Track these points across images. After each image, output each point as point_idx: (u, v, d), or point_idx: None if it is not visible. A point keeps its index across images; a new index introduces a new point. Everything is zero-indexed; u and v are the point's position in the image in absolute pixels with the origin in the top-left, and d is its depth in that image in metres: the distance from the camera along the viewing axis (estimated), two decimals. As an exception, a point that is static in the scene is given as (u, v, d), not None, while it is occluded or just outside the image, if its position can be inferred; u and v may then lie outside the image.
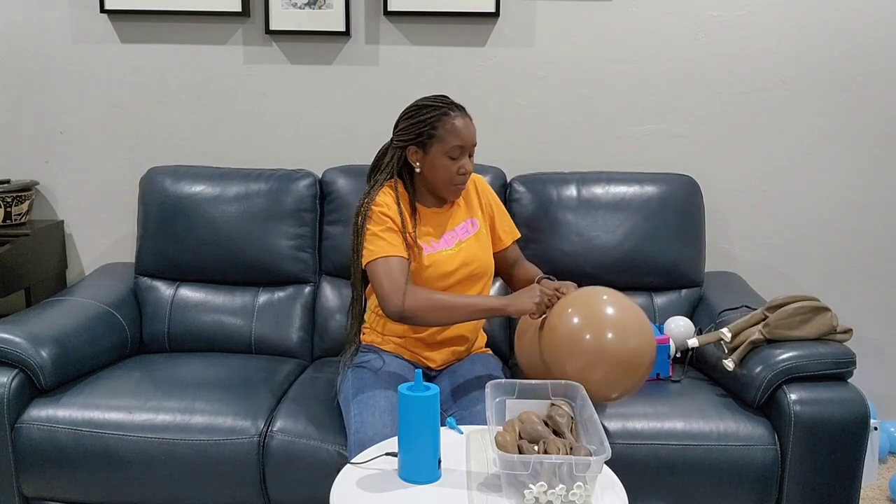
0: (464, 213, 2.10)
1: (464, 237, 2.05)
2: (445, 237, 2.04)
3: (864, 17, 2.63)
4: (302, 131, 2.76)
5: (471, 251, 2.04)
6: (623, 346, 1.73)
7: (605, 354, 1.73)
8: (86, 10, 2.70)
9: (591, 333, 1.74)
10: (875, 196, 2.74)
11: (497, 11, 2.61)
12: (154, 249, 2.53)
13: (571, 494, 1.40)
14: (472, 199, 2.13)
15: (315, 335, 2.50)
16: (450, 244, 2.03)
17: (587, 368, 1.74)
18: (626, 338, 1.74)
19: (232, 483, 1.97)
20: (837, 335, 2.03)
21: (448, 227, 2.06)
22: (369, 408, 1.84)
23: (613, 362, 1.73)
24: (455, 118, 1.94)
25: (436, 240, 2.02)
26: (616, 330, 1.74)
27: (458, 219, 2.08)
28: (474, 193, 2.14)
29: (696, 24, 2.66)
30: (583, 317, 1.76)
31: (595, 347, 1.73)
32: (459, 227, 2.07)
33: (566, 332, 1.76)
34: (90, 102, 2.76)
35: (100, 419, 2.00)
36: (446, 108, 1.94)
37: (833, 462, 1.91)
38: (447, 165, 1.95)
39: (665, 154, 2.73)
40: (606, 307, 1.78)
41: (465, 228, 2.07)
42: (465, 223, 2.08)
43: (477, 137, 2.07)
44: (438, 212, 2.06)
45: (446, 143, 1.93)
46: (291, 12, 2.65)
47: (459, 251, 2.02)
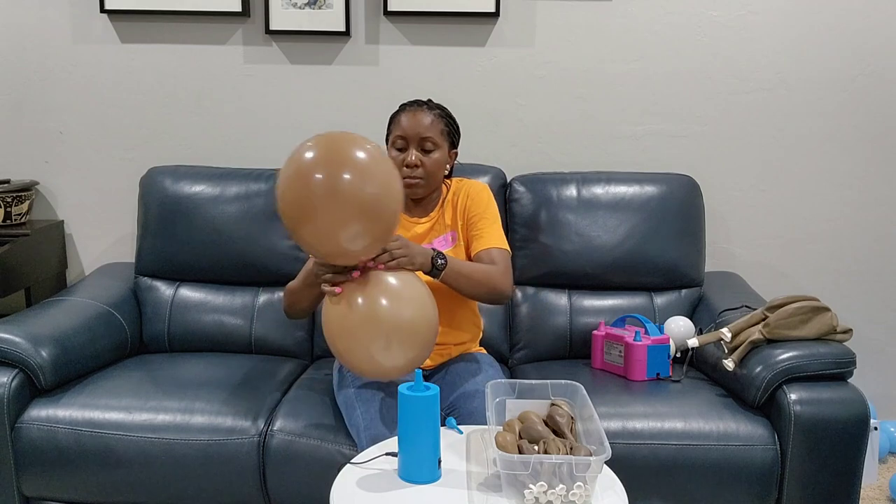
0: (445, 225, 2.07)
1: (441, 249, 2.01)
2: None
3: (864, 17, 2.63)
4: (302, 131, 2.76)
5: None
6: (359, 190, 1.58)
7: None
8: (86, 10, 2.70)
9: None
10: (875, 196, 2.74)
11: (497, 11, 2.61)
12: (154, 249, 2.53)
13: (571, 494, 1.40)
14: (458, 208, 2.07)
15: (315, 335, 2.50)
16: None
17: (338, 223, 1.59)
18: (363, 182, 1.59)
19: (232, 483, 1.97)
20: (837, 335, 2.03)
21: (426, 239, 2.04)
22: (376, 404, 1.85)
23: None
24: (405, 112, 1.98)
25: None
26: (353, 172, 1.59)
27: (438, 230, 2.06)
28: (463, 201, 2.07)
29: (696, 24, 2.66)
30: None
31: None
32: (438, 241, 2.05)
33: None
34: (90, 102, 2.76)
35: (100, 419, 2.00)
36: (405, 105, 2.01)
37: (833, 462, 1.91)
38: (394, 157, 1.98)
39: (665, 154, 2.73)
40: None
41: (444, 242, 2.04)
42: (445, 237, 2.05)
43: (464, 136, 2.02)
44: (418, 222, 2.05)
45: (391, 134, 2.01)
46: (291, 12, 2.65)
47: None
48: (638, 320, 2.32)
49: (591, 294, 2.50)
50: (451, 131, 2.04)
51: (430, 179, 2.00)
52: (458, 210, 2.07)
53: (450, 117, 2.05)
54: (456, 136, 2.07)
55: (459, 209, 2.07)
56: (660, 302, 2.48)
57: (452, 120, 2.06)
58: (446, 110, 2.05)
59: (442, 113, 2.03)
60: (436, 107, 2.03)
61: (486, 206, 2.05)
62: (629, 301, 2.48)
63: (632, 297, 2.49)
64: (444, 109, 2.05)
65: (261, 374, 2.24)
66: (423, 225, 2.06)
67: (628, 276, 2.48)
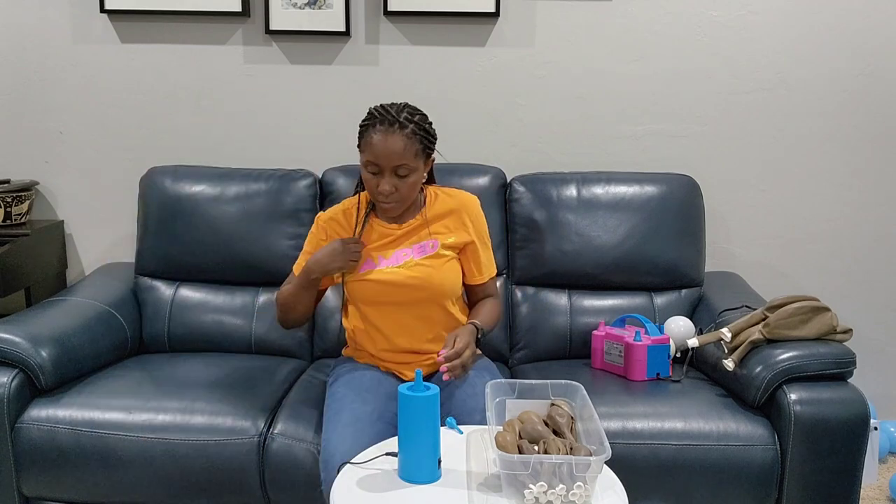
0: (428, 233, 2.00)
1: (418, 256, 1.97)
2: (397, 254, 1.97)
3: (864, 17, 2.63)
4: (302, 131, 2.76)
5: (422, 271, 1.94)
6: None
7: None
8: (86, 10, 2.70)
9: None
10: (875, 196, 2.74)
11: (497, 11, 2.61)
12: (154, 249, 2.53)
13: (571, 494, 1.40)
14: (446, 220, 2.02)
15: (315, 335, 2.50)
16: (398, 261, 1.96)
17: None
18: None
19: (232, 483, 1.97)
20: (837, 335, 2.03)
21: (402, 244, 1.99)
22: (332, 425, 1.81)
23: None
24: (377, 132, 1.84)
25: (385, 256, 1.97)
26: None
27: (420, 237, 1.99)
28: (452, 214, 2.02)
29: (696, 24, 2.66)
30: None
31: None
32: (417, 246, 1.98)
33: None
34: (90, 102, 2.76)
35: (100, 419, 2.00)
36: (378, 118, 1.85)
37: (833, 462, 1.91)
38: (366, 179, 1.90)
39: (665, 154, 2.73)
40: None
41: (423, 248, 1.98)
42: (426, 242, 1.99)
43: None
44: (394, 228, 1.99)
45: (364, 155, 1.88)
46: (291, 12, 2.65)
47: (406, 269, 1.94)
48: (638, 320, 2.32)
49: (591, 294, 2.50)
50: (426, 145, 1.91)
51: (406, 201, 1.93)
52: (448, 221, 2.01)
53: (423, 130, 1.89)
54: (431, 146, 1.94)
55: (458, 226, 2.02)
56: (660, 302, 2.48)
57: (426, 131, 1.90)
58: (419, 121, 1.88)
59: (416, 129, 1.87)
60: (408, 121, 1.86)
61: (484, 227, 2.08)
62: (629, 301, 2.48)
63: (632, 297, 2.49)
64: (416, 122, 1.88)
65: (261, 374, 2.24)
66: (401, 230, 2.00)
67: (628, 276, 2.48)
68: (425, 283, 1.94)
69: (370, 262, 1.97)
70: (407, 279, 1.93)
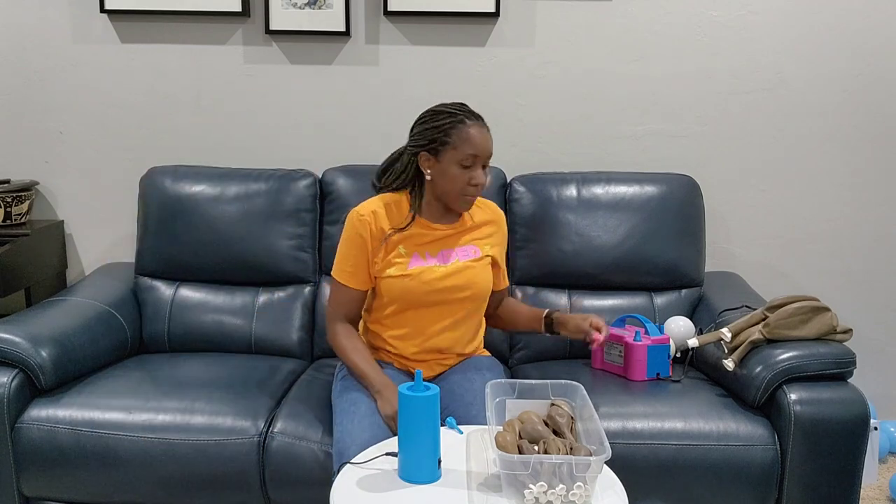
0: (470, 237, 2.04)
1: (463, 259, 2.00)
2: (444, 253, 1.99)
3: (864, 17, 2.63)
4: (302, 131, 2.76)
5: (470, 274, 1.97)
6: None
7: None
8: (86, 10, 2.70)
9: None
10: (875, 196, 2.74)
11: (497, 11, 2.61)
12: (154, 249, 2.53)
13: (571, 494, 1.40)
14: (486, 229, 2.07)
15: (315, 335, 2.50)
16: (446, 261, 1.98)
17: None
18: None
19: (232, 483, 1.97)
20: (837, 335, 2.03)
21: (450, 245, 2.01)
22: (349, 415, 1.82)
23: None
24: (471, 126, 1.89)
25: (432, 254, 1.98)
26: None
27: (462, 241, 2.02)
28: (492, 225, 2.08)
29: (696, 24, 2.66)
30: None
31: None
32: (461, 249, 2.01)
33: None
34: (90, 102, 2.76)
35: (100, 419, 2.00)
36: (463, 115, 1.90)
37: (833, 462, 1.91)
38: (458, 175, 1.90)
39: (665, 154, 2.73)
40: None
41: (467, 252, 2.01)
42: (469, 247, 2.02)
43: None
44: (442, 229, 2.00)
45: (460, 150, 1.88)
46: (291, 12, 2.65)
47: (454, 270, 1.96)
48: (638, 320, 2.32)
49: (591, 294, 2.50)
50: None
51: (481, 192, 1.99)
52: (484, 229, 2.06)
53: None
54: None
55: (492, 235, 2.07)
56: (660, 302, 2.48)
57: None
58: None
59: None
60: (482, 117, 1.96)
61: (504, 238, 2.15)
62: (629, 301, 2.48)
63: (632, 297, 2.49)
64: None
65: (261, 374, 2.24)
66: (447, 231, 2.01)
67: (628, 276, 2.48)
68: (471, 284, 1.97)
69: (418, 259, 1.96)
70: (453, 280, 1.95)
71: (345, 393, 1.91)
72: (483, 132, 1.90)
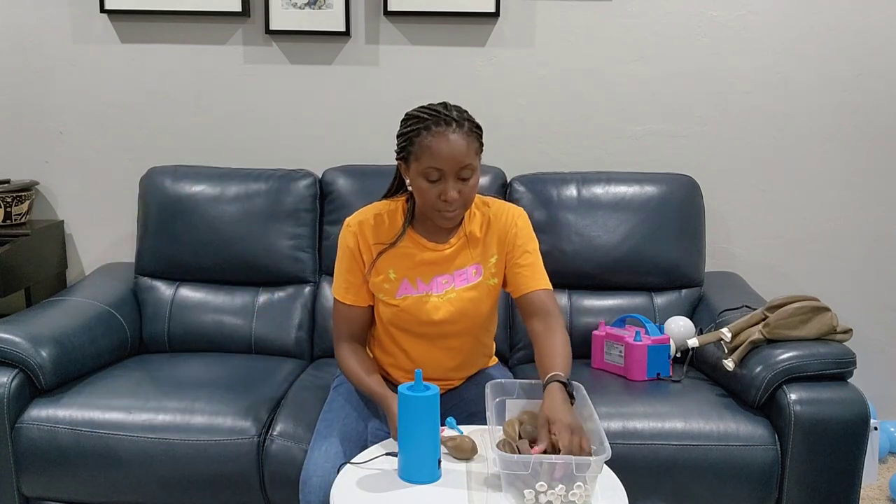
0: (473, 256, 1.80)
1: (460, 285, 1.78)
2: (438, 280, 1.78)
3: (864, 17, 2.63)
4: (302, 131, 2.76)
5: (462, 305, 1.77)
6: None
7: None
8: (86, 10, 2.70)
9: None
10: (875, 196, 2.74)
11: (497, 11, 2.61)
12: (154, 249, 2.53)
13: (571, 494, 1.40)
14: (493, 240, 1.81)
15: (315, 335, 2.50)
16: (440, 290, 1.78)
17: None
18: None
19: (232, 483, 1.97)
20: (837, 335, 2.03)
21: (446, 269, 1.79)
22: (318, 441, 1.72)
23: None
24: (434, 133, 1.64)
25: (424, 280, 1.78)
26: None
27: (462, 262, 1.79)
28: (504, 232, 1.81)
29: (696, 24, 2.66)
30: None
31: None
32: (459, 273, 1.79)
33: None
34: (90, 102, 2.76)
35: (100, 419, 2.00)
36: (430, 119, 1.65)
37: (833, 462, 1.90)
38: (426, 189, 1.67)
39: (665, 154, 2.73)
40: None
41: (466, 276, 1.79)
42: (469, 269, 1.79)
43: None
44: (436, 248, 1.79)
45: (422, 161, 1.65)
46: (291, 12, 2.65)
47: (448, 302, 1.77)
48: (638, 320, 2.32)
49: (591, 294, 2.50)
50: (480, 143, 1.72)
51: (467, 206, 1.73)
52: (490, 240, 1.81)
53: (478, 127, 1.72)
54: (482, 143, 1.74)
55: (494, 241, 1.81)
56: (660, 302, 2.48)
57: (479, 127, 1.72)
58: (472, 119, 1.70)
59: (472, 126, 1.69)
60: (463, 119, 1.68)
61: (531, 238, 1.84)
62: (629, 301, 2.48)
63: (632, 297, 2.49)
64: (470, 119, 1.70)
65: (261, 374, 2.24)
66: (442, 252, 1.79)
67: (628, 276, 2.48)
68: (463, 318, 1.78)
69: (407, 286, 1.78)
70: (446, 313, 1.77)
71: (327, 412, 1.83)
72: (449, 140, 1.63)
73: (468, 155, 1.65)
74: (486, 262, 1.81)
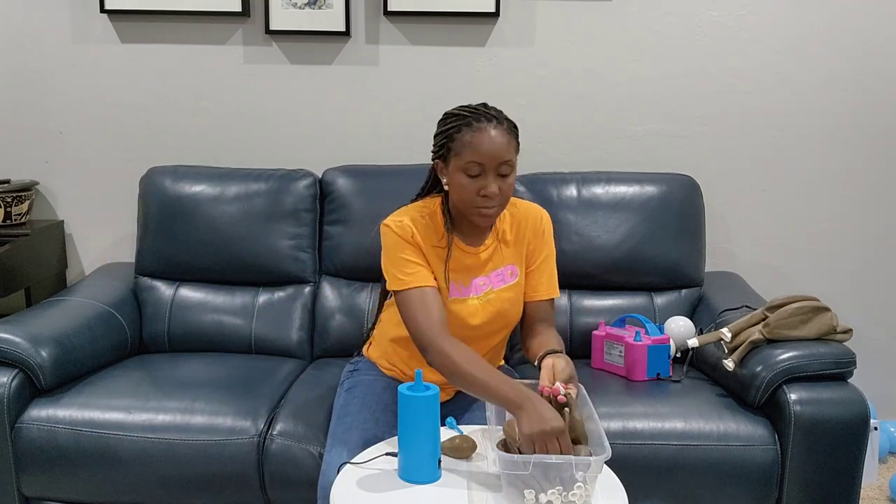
0: (507, 256, 1.83)
1: (497, 286, 1.80)
2: (476, 283, 1.79)
3: (864, 17, 2.63)
4: (302, 131, 2.76)
5: (501, 306, 1.80)
6: None
7: None
8: (86, 10, 2.70)
9: None
10: (875, 196, 2.74)
11: (497, 11, 2.61)
12: (154, 249, 2.53)
13: (571, 494, 1.40)
14: (524, 239, 1.84)
15: (315, 335, 2.50)
16: (479, 292, 1.79)
17: None
18: None
19: (232, 483, 1.97)
20: (837, 335, 2.03)
21: (482, 271, 1.80)
22: (339, 442, 1.71)
23: None
24: (476, 129, 1.67)
25: (465, 283, 1.79)
26: None
27: (497, 262, 1.81)
28: (530, 232, 1.85)
29: (696, 24, 2.66)
30: None
31: None
32: (495, 274, 1.81)
33: None
34: (90, 102, 2.76)
35: (100, 419, 2.00)
36: (471, 116, 1.68)
37: (833, 462, 1.91)
38: (466, 184, 1.68)
39: (665, 154, 2.73)
40: None
41: (503, 276, 1.81)
42: (504, 269, 1.82)
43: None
44: (472, 251, 1.79)
45: (462, 157, 1.67)
46: (291, 12, 2.65)
47: (487, 303, 1.79)
48: (638, 320, 2.32)
49: (591, 294, 2.50)
50: (518, 143, 1.74)
51: (504, 204, 1.74)
52: (520, 240, 1.84)
53: (515, 126, 1.74)
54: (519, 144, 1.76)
55: (525, 240, 1.84)
56: (660, 302, 2.48)
57: (517, 127, 1.75)
58: (509, 119, 1.74)
59: (510, 125, 1.72)
60: (503, 117, 1.71)
61: (551, 241, 1.87)
62: (629, 301, 2.48)
63: (632, 297, 2.49)
64: (508, 119, 1.73)
65: (261, 374, 2.24)
66: (482, 254, 1.80)
67: (628, 276, 2.48)
68: (501, 318, 1.81)
69: (454, 289, 1.78)
70: (486, 314, 1.79)
71: (343, 414, 1.81)
72: (492, 135, 1.66)
73: (508, 150, 1.68)
74: (520, 262, 1.84)
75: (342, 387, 1.97)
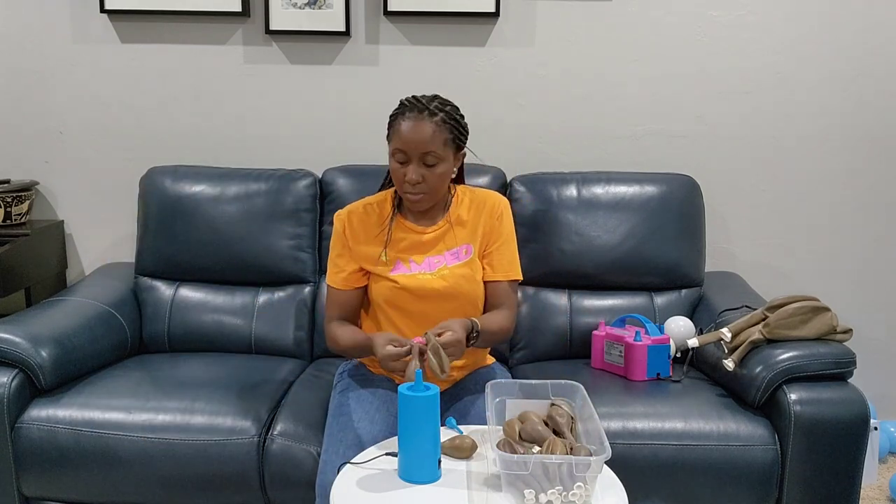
0: (461, 237, 1.92)
1: (451, 263, 1.89)
2: (430, 260, 1.90)
3: (864, 17, 2.63)
4: (302, 131, 2.76)
5: (455, 281, 1.86)
6: None
7: None
8: (86, 10, 2.70)
9: None
10: (875, 196, 2.74)
11: (497, 11, 2.61)
12: (154, 249, 2.53)
13: (571, 494, 1.40)
14: (480, 222, 1.94)
15: (315, 335, 2.50)
16: (433, 268, 1.89)
17: None
18: None
19: (232, 483, 1.97)
20: (837, 335, 2.03)
21: (434, 249, 1.91)
22: (334, 444, 1.75)
23: None
24: (405, 118, 1.81)
25: (417, 261, 1.90)
26: None
27: (450, 243, 1.92)
28: (486, 216, 1.94)
29: (696, 24, 2.66)
30: None
31: None
32: (449, 253, 1.91)
33: None
34: (90, 102, 2.76)
35: (100, 419, 2.00)
36: (407, 107, 1.83)
37: (833, 462, 1.91)
38: (394, 169, 1.84)
39: (665, 154, 2.73)
40: None
41: (457, 255, 1.91)
42: (459, 249, 1.91)
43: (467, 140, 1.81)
44: (419, 230, 1.92)
45: (391, 144, 1.84)
46: (291, 12, 2.65)
47: (441, 278, 1.87)
48: (638, 320, 2.32)
49: (591, 294, 2.50)
50: (456, 136, 1.86)
51: (435, 193, 1.86)
52: (477, 222, 1.94)
53: (454, 120, 1.85)
54: (463, 138, 1.89)
55: (481, 222, 1.94)
56: (660, 302, 2.48)
57: (458, 122, 1.87)
58: (451, 112, 1.86)
59: (446, 117, 1.83)
60: (438, 110, 1.83)
61: (510, 225, 1.98)
62: (629, 301, 2.48)
63: (632, 297, 2.49)
64: (447, 112, 1.84)
65: (261, 374, 2.24)
66: (430, 234, 1.92)
67: (628, 276, 2.48)
68: (457, 292, 1.87)
69: (401, 266, 1.89)
70: (440, 287, 1.86)
71: (337, 416, 1.84)
72: (415, 126, 1.79)
73: (432, 142, 1.80)
74: (476, 242, 1.93)
75: (335, 389, 1.99)
